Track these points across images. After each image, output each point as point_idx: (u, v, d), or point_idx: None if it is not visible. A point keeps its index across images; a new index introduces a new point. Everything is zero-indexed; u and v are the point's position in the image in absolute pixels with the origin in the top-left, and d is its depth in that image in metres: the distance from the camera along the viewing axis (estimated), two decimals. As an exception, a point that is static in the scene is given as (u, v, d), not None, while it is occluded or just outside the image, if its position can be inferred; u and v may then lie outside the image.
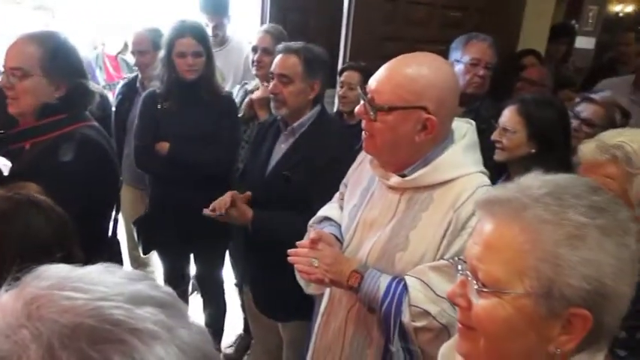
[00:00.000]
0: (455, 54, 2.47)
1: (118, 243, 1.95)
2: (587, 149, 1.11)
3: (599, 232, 0.68)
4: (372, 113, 1.25)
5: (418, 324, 1.24)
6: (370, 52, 2.91)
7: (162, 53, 2.28)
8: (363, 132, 1.32)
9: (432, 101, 1.22)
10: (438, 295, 1.22)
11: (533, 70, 2.84)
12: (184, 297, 2.71)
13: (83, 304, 0.41)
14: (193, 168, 2.25)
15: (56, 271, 0.46)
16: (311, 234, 1.38)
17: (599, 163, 1.07)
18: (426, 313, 1.23)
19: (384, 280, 1.29)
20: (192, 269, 2.72)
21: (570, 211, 0.68)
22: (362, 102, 1.28)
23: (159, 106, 2.31)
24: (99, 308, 0.42)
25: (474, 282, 0.73)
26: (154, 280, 0.50)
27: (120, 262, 2.12)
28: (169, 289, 0.50)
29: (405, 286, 1.26)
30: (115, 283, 0.45)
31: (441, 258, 1.25)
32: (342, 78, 2.61)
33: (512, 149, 1.87)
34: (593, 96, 2.17)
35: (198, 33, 2.24)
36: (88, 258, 0.65)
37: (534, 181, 0.74)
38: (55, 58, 1.62)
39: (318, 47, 2.00)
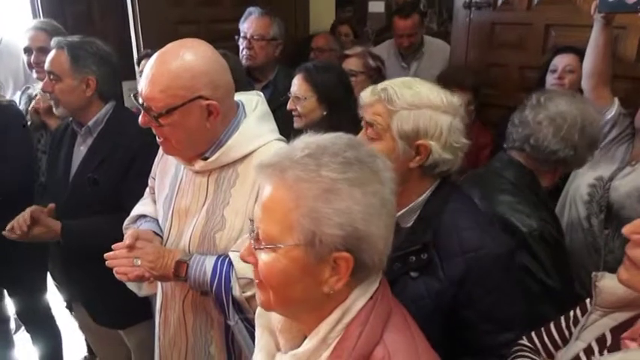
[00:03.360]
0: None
1: None
2: (363, 94, 1.26)
3: (348, 184, 0.76)
4: (154, 121, 1.23)
5: (249, 293, 1.29)
6: (165, 38, 2.78)
7: None
8: (157, 137, 1.30)
9: (205, 87, 1.23)
10: None
11: (319, 38, 3.06)
12: (7, 338, 2.40)
13: None
14: None
15: None
16: (126, 238, 1.33)
17: (370, 103, 1.23)
18: (253, 281, 1.28)
19: (209, 262, 1.31)
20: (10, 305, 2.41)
21: (324, 168, 0.76)
22: (142, 112, 1.24)
23: None
24: None
25: (254, 241, 0.81)
26: None
27: None
28: None
29: (230, 262, 1.30)
30: None
31: None
32: (140, 68, 2.50)
33: (307, 115, 2.02)
34: (347, 52, 2.57)
35: None
36: None
37: (300, 143, 0.82)
38: None
39: (95, 41, 1.88)
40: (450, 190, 1.25)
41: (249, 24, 2.54)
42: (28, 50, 2.34)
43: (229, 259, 1.31)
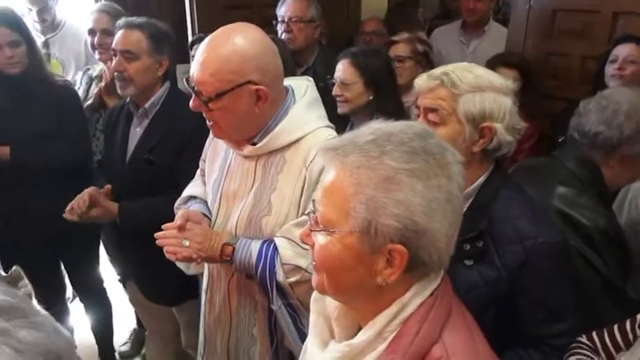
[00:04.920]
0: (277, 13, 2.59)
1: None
2: (420, 80, 1.25)
3: (409, 175, 0.73)
4: (204, 105, 1.25)
5: (293, 279, 1.31)
6: (218, 22, 2.82)
7: None
8: (207, 121, 1.32)
9: (254, 72, 1.23)
10: (305, 249, 1.28)
11: (370, 22, 3.02)
12: (63, 306, 2.54)
13: None
14: (39, 170, 2.06)
15: None
16: (177, 218, 1.37)
17: (430, 88, 1.21)
18: (297, 268, 1.30)
19: (254, 246, 1.33)
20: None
21: (386, 156, 0.74)
22: (193, 96, 1.27)
23: None
24: None
25: (313, 223, 0.81)
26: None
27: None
28: (13, 293, 0.49)
29: (275, 247, 1.32)
30: None
31: (303, 214, 1.31)
32: (193, 52, 2.54)
33: (354, 100, 2.02)
34: (394, 38, 2.51)
35: (9, 20, 1.99)
36: None
37: (367, 129, 0.80)
38: None
39: (161, 22, 1.93)
40: (502, 177, 1.24)
41: (286, 7, 2.53)
42: (92, 32, 2.43)
43: (275, 244, 1.32)
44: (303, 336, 1.36)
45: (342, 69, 2.02)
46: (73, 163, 2.13)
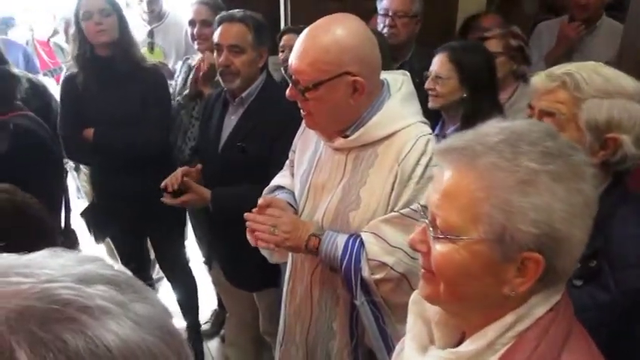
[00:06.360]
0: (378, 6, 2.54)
1: (73, 232, 1.91)
2: (538, 79, 1.15)
3: (550, 177, 0.68)
4: (301, 94, 1.25)
5: (378, 276, 1.28)
6: (312, 14, 2.82)
7: (72, 28, 2.12)
8: (302, 111, 1.32)
9: (353, 63, 1.22)
10: (392, 246, 1.26)
11: (489, 18, 2.86)
12: (148, 281, 2.68)
13: (29, 287, 0.41)
14: (122, 154, 2.14)
15: None
16: (259, 201, 1.39)
17: (549, 90, 1.11)
18: (383, 265, 1.27)
19: (341, 240, 1.32)
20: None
21: (522, 157, 0.69)
22: (290, 85, 1.27)
23: (79, 90, 2.16)
24: (46, 290, 0.41)
25: (431, 229, 0.76)
26: (105, 261, 0.50)
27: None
28: (122, 268, 0.50)
29: (362, 242, 1.30)
30: (62, 265, 0.45)
31: (392, 210, 1.28)
32: (282, 42, 2.56)
33: (446, 95, 1.93)
34: (485, 34, 2.34)
35: None
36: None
37: (492, 128, 0.75)
38: None
39: (256, 14, 1.96)
40: (621, 193, 1.12)
41: (391, 0, 2.47)
42: (192, 23, 2.52)
43: (361, 239, 1.30)
44: (384, 334, 1.34)
45: (439, 63, 1.95)
46: (156, 147, 2.19)
